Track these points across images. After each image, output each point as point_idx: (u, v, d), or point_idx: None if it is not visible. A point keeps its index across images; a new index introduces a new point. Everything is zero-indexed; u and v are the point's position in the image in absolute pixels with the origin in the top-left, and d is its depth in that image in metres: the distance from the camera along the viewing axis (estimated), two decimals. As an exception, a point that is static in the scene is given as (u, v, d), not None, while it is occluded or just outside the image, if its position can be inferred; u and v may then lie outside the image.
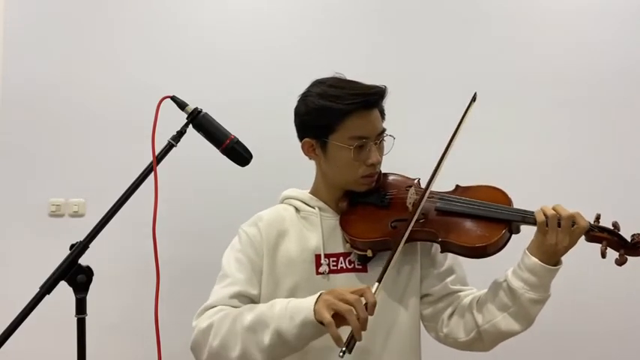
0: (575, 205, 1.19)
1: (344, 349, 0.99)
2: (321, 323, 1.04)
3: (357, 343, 1.01)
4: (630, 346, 2.66)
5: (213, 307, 1.23)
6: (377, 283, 1.08)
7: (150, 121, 1.18)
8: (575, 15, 2.79)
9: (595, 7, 2.80)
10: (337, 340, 1.01)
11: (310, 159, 1.36)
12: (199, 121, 1.21)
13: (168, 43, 2.65)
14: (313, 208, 1.34)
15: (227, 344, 1.13)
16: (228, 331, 1.14)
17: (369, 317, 1.02)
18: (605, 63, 2.76)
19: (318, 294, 1.09)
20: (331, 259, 1.29)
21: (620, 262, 1.14)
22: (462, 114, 1.29)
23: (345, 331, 1.02)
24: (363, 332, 1.01)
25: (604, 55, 2.77)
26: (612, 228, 1.17)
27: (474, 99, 1.31)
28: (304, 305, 1.09)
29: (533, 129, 2.72)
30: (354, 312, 1.01)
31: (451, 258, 1.36)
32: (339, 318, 1.03)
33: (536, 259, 1.17)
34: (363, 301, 1.03)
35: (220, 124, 1.24)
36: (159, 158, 1.17)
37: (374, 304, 1.03)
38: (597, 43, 2.78)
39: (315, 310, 1.06)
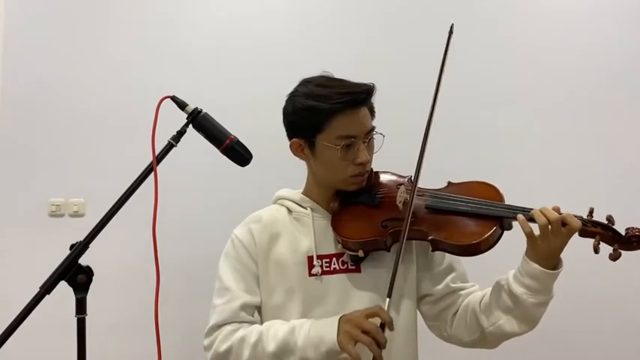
0: (574, 204, 1.18)
1: None
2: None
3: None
4: (630, 344, 2.66)
5: (223, 325, 1.23)
6: (388, 299, 1.13)
7: (150, 121, 1.17)
8: (580, 15, 2.78)
9: (600, 8, 2.78)
10: None
11: (301, 159, 1.35)
12: (199, 121, 1.21)
13: (169, 43, 2.65)
14: (305, 208, 1.33)
15: None
16: (250, 358, 1.17)
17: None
18: (607, 63, 2.76)
19: (337, 322, 1.14)
20: (324, 261, 1.28)
21: (614, 257, 1.12)
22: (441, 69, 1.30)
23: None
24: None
25: (606, 56, 2.76)
26: (606, 222, 1.14)
27: (451, 31, 1.30)
28: (327, 337, 1.13)
29: (533, 129, 2.72)
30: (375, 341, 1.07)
31: (449, 255, 1.34)
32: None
33: (536, 265, 1.15)
34: (378, 322, 1.09)
35: (220, 124, 1.24)
36: (159, 158, 1.17)
37: (391, 322, 1.09)
38: (600, 43, 2.77)
39: (339, 342, 1.11)
